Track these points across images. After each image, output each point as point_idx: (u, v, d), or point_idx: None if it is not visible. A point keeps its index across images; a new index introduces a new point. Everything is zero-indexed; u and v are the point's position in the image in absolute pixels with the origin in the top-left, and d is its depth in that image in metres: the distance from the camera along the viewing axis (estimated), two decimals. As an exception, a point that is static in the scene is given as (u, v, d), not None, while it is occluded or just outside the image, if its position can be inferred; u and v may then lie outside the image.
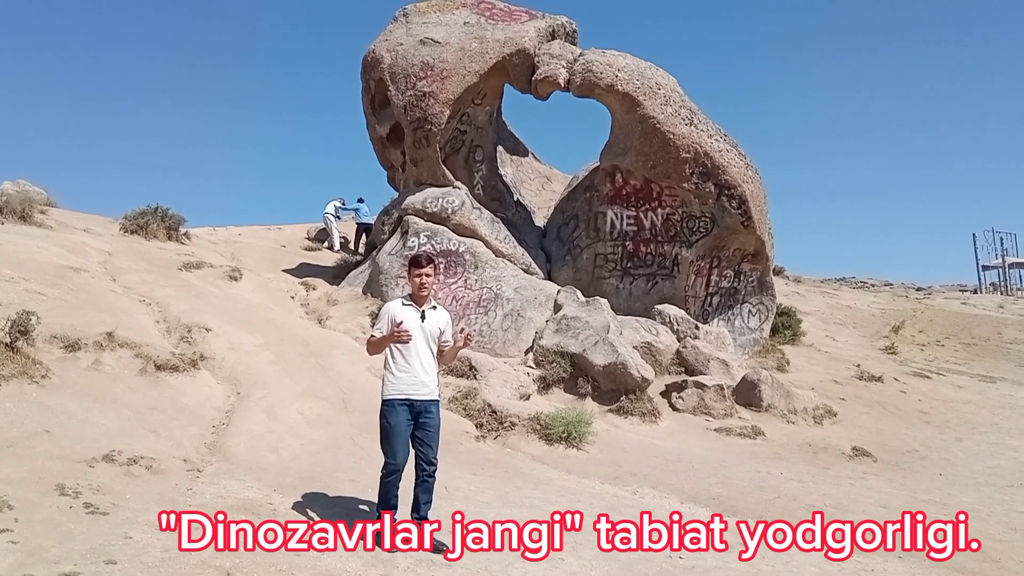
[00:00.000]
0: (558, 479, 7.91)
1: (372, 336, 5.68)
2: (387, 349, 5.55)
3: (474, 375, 10.35)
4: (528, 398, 10.30)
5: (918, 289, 31.73)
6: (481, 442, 8.74)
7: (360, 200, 22.39)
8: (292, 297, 15.04)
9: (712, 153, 13.85)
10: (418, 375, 5.49)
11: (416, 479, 5.51)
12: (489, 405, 9.35)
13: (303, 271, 17.41)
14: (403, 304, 5.65)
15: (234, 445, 7.24)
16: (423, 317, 5.57)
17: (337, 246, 21.54)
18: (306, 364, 10.05)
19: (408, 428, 5.47)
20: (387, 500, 5.48)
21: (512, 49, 14.55)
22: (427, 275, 5.60)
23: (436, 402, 5.61)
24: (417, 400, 5.47)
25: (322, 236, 22.64)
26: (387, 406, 5.49)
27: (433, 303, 5.75)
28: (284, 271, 17.21)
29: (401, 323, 5.43)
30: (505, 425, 9.13)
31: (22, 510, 4.95)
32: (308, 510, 5.86)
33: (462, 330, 5.77)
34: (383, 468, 5.50)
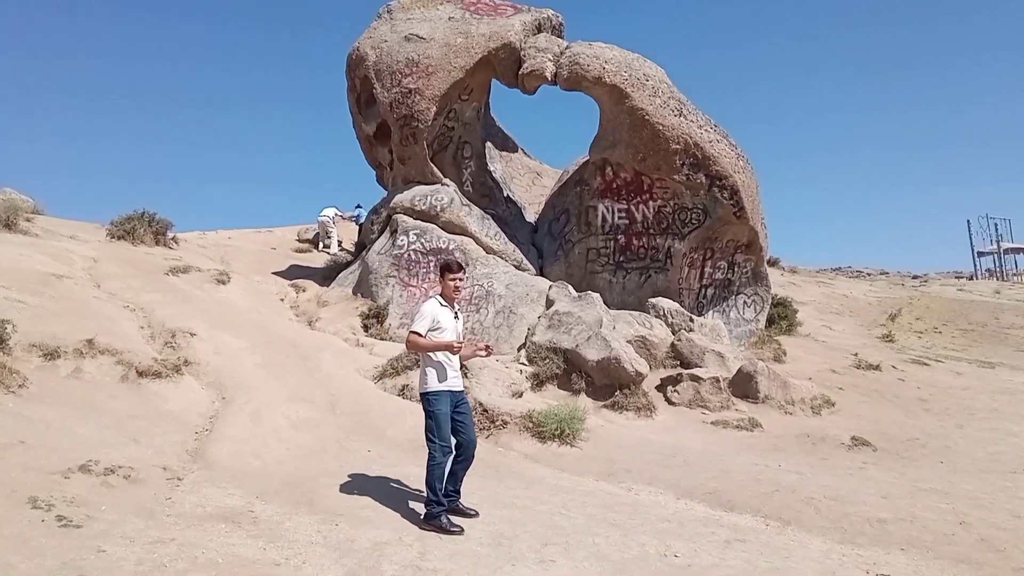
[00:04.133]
0: (551, 477, 7.73)
1: (417, 334, 5.95)
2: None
3: (465, 373, 10.13)
4: (521, 396, 10.12)
5: (914, 277, 31.63)
6: (472, 442, 8.55)
7: (358, 206, 22.56)
8: (281, 299, 14.87)
9: (702, 144, 13.68)
10: (456, 369, 6.12)
11: (457, 458, 6.03)
12: (480, 404, 9.15)
13: (293, 273, 17.23)
14: (440, 305, 6.15)
15: (217, 451, 7.05)
16: (455, 317, 6.18)
17: (335, 248, 21.37)
18: (293, 367, 9.87)
19: (450, 415, 5.98)
20: (443, 481, 5.91)
21: (498, 43, 14.38)
22: (460, 279, 6.21)
23: (465, 392, 6.38)
24: (456, 391, 6.07)
25: (316, 239, 22.46)
26: (435, 396, 5.93)
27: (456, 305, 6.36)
28: (274, 273, 17.04)
29: (445, 328, 6.03)
30: (497, 424, 8.95)
31: (-10, 525, 4.77)
32: (292, 517, 5.67)
33: (487, 346, 6.31)
34: (438, 453, 5.87)
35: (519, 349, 11.94)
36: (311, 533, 5.41)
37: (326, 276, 16.31)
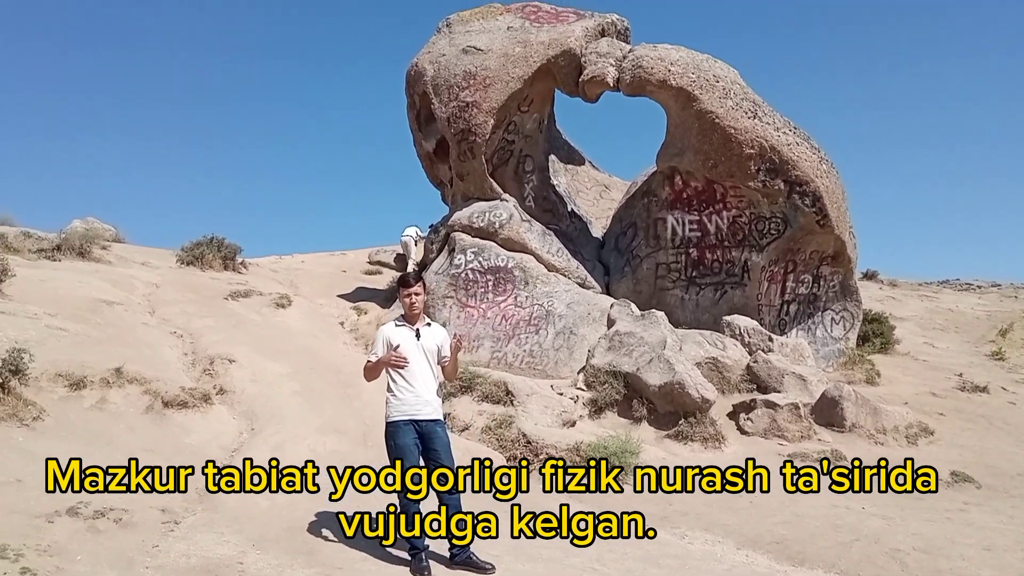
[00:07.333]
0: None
1: (368, 362, 5.59)
2: (387, 372, 5.47)
3: (511, 401, 9.42)
4: (573, 424, 9.32)
5: (1030, 288, 28.99)
6: (510, 478, 7.80)
7: (430, 226, 22.11)
8: (342, 323, 14.52)
9: (779, 147, 12.61)
10: (420, 395, 5.40)
11: (439, 502, 5.38)
12: (524, 435, 8.40)
13: (358, 295, 16.91)
14: (396, 326, 5.63)
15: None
16: (418, 335, 5.53)
17: (411, 269, 20.99)
18: (332, 394, 9.36)
19: (416, 447, 5.35)
20: (413, 524, 5.27)
21: (557, 51, 13.71)
22: (416, 294, 5.57)
23: (440, 421, 5.52)
24: (421, 420, 5.37)
25: (400, 261, 22.11)
26: (392, 427, 5.40)
27: (427, 320, 5.73)
28: (339, 296, 16.76)
29: (398, 347, 5.41)
30: (540, 457, 8.16)
31: (-60, 580, 4.33)
32: (284, 570, 5.06)
33: (455, 336, 5.79)
34: (400, 494, 5.35)
35: (578, 373, 11.14)
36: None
37: (388, 298, 15.89)
